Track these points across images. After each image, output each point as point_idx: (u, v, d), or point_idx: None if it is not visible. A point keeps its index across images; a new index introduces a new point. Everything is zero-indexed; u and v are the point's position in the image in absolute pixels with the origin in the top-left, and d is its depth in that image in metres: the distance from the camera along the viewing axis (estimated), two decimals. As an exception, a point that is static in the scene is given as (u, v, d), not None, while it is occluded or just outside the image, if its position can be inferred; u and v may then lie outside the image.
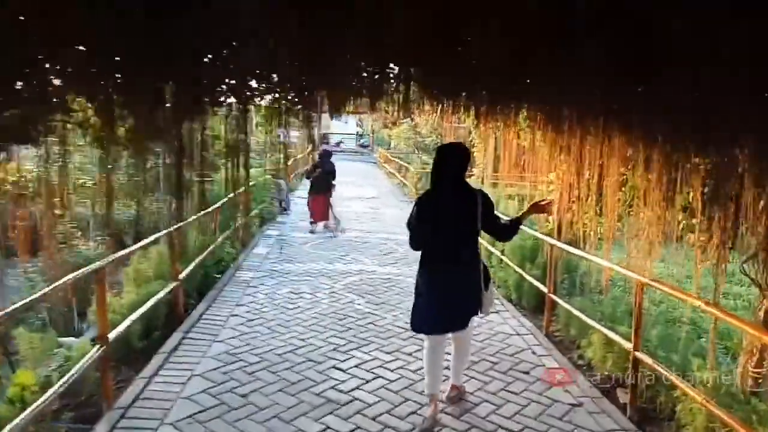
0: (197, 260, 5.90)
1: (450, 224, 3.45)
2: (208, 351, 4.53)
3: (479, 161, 11.94)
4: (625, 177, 5.23)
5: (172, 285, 5.15)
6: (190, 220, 5.89)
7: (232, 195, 7.90)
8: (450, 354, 3.86)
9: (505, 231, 3.69)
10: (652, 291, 4.74)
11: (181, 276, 5.36)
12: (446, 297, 3.49)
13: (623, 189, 5.17)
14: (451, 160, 3.53)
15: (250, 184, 9.71)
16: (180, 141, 3.52)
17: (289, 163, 15.55)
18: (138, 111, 3.29)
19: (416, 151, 19.45)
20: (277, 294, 6.27)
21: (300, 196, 14.97)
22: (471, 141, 11.34)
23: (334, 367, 4.31)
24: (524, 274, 6.08)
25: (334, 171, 10.64)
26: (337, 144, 37.10)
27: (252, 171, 10.82)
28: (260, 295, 6.19)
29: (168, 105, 3.21)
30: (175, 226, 5.33)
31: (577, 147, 5.28)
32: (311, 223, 10.54)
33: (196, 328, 5.07)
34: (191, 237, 6.34)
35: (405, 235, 3.67)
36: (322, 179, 10.33)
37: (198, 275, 6.09)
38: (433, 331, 3.57)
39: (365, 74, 4.09)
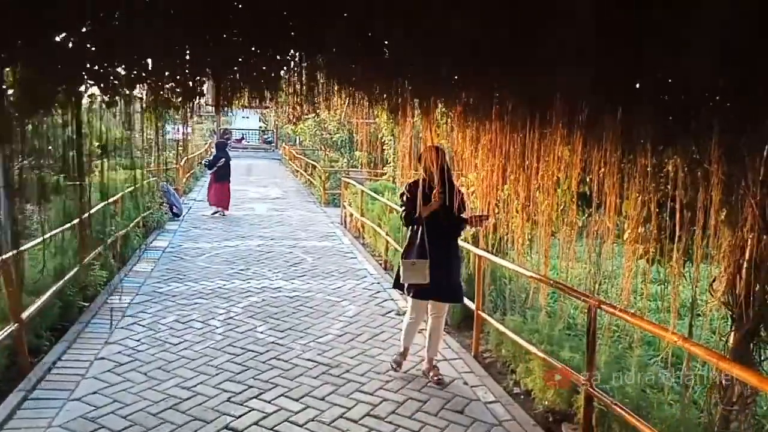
0: (52, 289, 4.69)
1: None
2: (56, 417, 3.45)
3: (391, 159, 11.33)
4: (557, 178, 4.77)
5: (10, 328, 3.97)
6: (40, 239, 4.69)
7: (104, 203, 6.67)
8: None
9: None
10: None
11: (26, 314, 4.18)
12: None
13: (556, 192, 4.67)
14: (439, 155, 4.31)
15: (130, 188, 8.40)
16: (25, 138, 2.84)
17: (182, 162, 14.09)
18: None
19: (323, 148, 18.55)
20: (159, 324, 5.20)
21: (194, 198, 13.63)
22: (381, 138, 10.71)
23: (226, 428, 3.41)
24: (448, 287, 5.46)
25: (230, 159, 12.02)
26: (239, 140, 35.33)
27: (135, 173, 9.48)
28: (138, 328, 5.09)
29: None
30: (18, 249, 4.12)
31: (500, 145, 4.73)
32: (218, 210, 11.61)
33: (45, 382, 3.94)
34: (47, 259, 5.07)
35: (312, 241, 3.09)
36: (226, 168, 11.41)
37: (55, 307, 4.88)
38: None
39: (259, 60, 3.37)
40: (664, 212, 3.26)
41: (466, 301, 5.13)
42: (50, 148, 3.23)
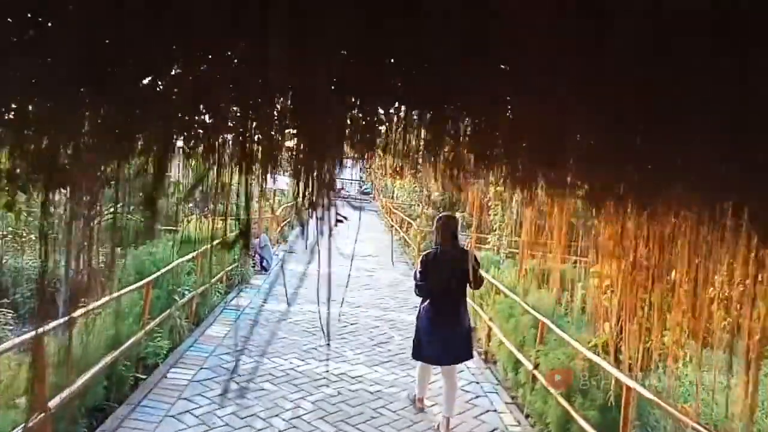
0: (97, 367, 4.00)
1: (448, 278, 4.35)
2: None
3: (496, 227, 10.17)
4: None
5: (34, 419, 3.28)
6: (94, 305, 4.09)
7: (177, 261, 6.13)
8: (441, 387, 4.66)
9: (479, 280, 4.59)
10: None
11: (57, 400, 3.49)
12: (443, 337, 4.43)
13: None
14: (451, 226, 4.53)
15: (215, 242, 7.94)
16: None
17: (278, 212, 13.83)
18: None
19: (421, 205, 17.72)
20: (215, 417, 4.36)
21: (286, 249, 13.19)
22: (488, 202, 9.64)
23: None
24: (573, 413, 4.19)
25: None
26: (338, 190, 35.78)
27: (221, 224, 9.10)
28: (189, 419, 4.28)
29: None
30: (53, 323, 3.50)
31: (656, 235, 3.52)
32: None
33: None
34: (100, 325, 4.45)
35: (403, 314, 2.33)
36: None
37: (100, 386, 4.20)
38: (435, 362, 4.64)
39: (359, 113, 2.54)
40: None
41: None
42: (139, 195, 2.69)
